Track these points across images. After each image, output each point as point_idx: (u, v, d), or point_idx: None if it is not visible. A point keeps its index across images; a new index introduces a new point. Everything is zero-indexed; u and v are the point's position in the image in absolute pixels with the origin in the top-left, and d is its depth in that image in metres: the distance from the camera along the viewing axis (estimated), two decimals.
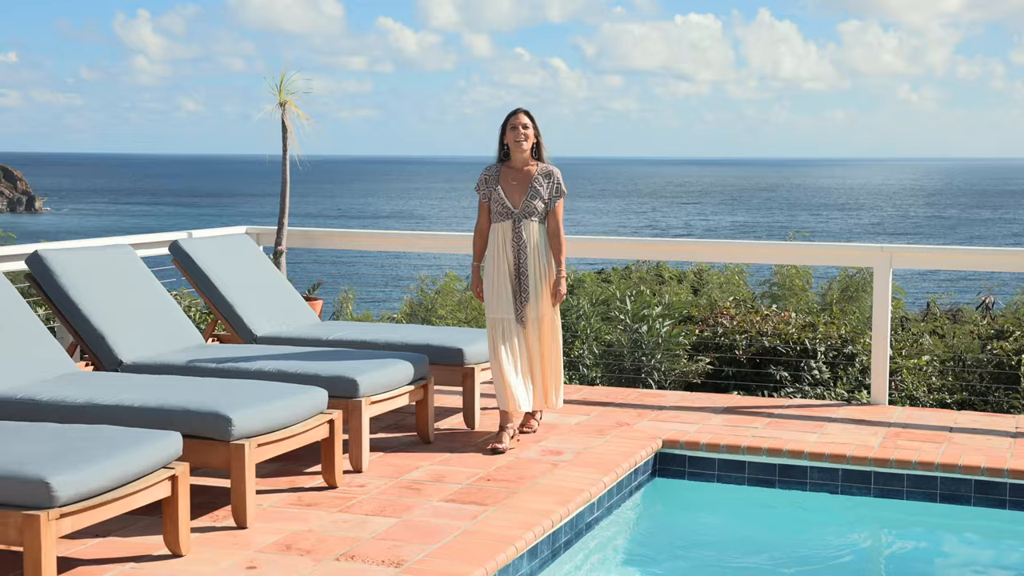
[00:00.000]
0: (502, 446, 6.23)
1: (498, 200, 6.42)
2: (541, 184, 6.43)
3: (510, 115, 6.47)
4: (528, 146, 6.43)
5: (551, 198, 6.45)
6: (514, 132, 6.42)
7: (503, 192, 6.42)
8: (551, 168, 6.49)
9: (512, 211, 6.39)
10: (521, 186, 6.42)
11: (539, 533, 4.99)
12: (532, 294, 6.39)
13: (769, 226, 72.45)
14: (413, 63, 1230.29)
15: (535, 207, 6.40)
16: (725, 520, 6.20)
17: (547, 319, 6.47)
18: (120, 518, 4.93)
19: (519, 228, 6.38)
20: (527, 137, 6.40)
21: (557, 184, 6.46)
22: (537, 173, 6.44)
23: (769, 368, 9.10)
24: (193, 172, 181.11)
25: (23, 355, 5.58)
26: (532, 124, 6.44)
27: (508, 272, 6.39)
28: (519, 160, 6.45)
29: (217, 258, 7.27)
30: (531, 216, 6.40)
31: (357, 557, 4.59)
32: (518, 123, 6.42)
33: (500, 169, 6.49)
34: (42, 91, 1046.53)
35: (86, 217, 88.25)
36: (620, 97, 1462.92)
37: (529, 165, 6.46)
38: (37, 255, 6.25)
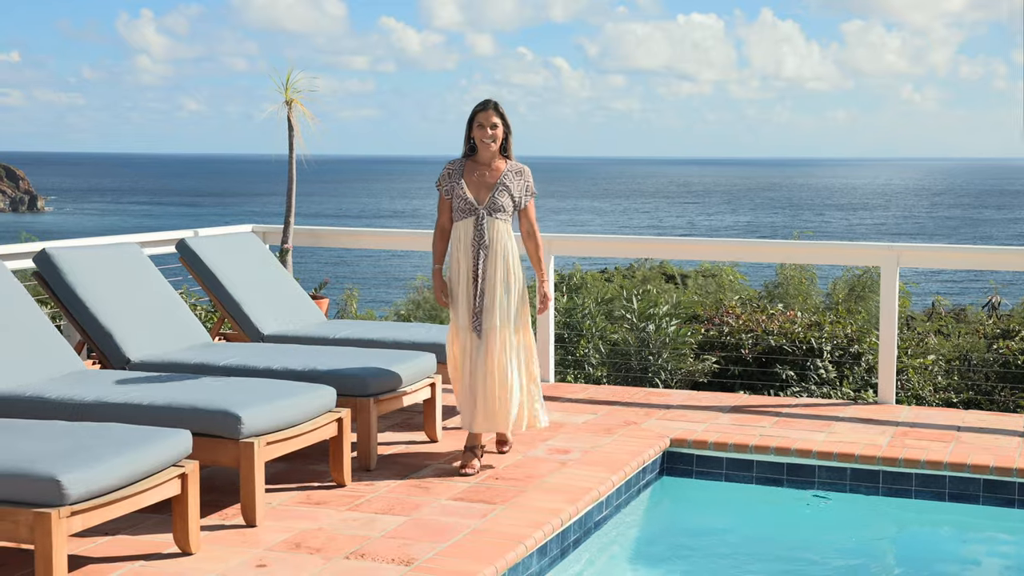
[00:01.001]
0: (472, 471, 5.78)
1: (460, 196, 5.89)
2: (511, 181, 5.93)
3: (478, 109, 5.90)
4: (496, 145, 5.91)
5: (522, 197, 5.97)
6: (481, 131, 5.89)
7: (466, 187, 5.89)
8: (522, 167, 6.01)
9: (476, 207, 5.87)
10: (487, 182, 5.90)
11: (548, 531, 4.98)
12: (492, 301, 5.83)
13: (772, 226, 72.47)
14: (415, 62, 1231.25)
15: (502, 204, 5.88)
16: (733, 519, 6.19)
17: (513, 330, 5.89)
18: (129, 516, 4.93)
19: (481, 226, 5.85)
20: (495, 137, 5.89)
21: (528, 183, 6.00)
22: (507, 170, 5.95)
23: (775, 367, 9.10)
24: (195, 172, 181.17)
25: (31, 353, 5.58)
26: (502, 121, 5.92)
27: (468, 275, 5.87)
28: (486, 156, 5.93)
29: (224, 256, 7.27)
30: (496, 213, 5.87)
31: (367, 555, 4.59)
32: (487, 121, 5.88)
33: (465, 164, 5.96)
34: (44, 91, 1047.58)
35: (88, 216, 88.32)
36: (622, 97, 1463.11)
37: (497, 162, 5.96)
38: (45, 253, 6.25)
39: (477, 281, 5.83)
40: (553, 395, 7.72)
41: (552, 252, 8.18)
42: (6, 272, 5.84)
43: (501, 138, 5.92)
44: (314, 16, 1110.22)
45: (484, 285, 5.84)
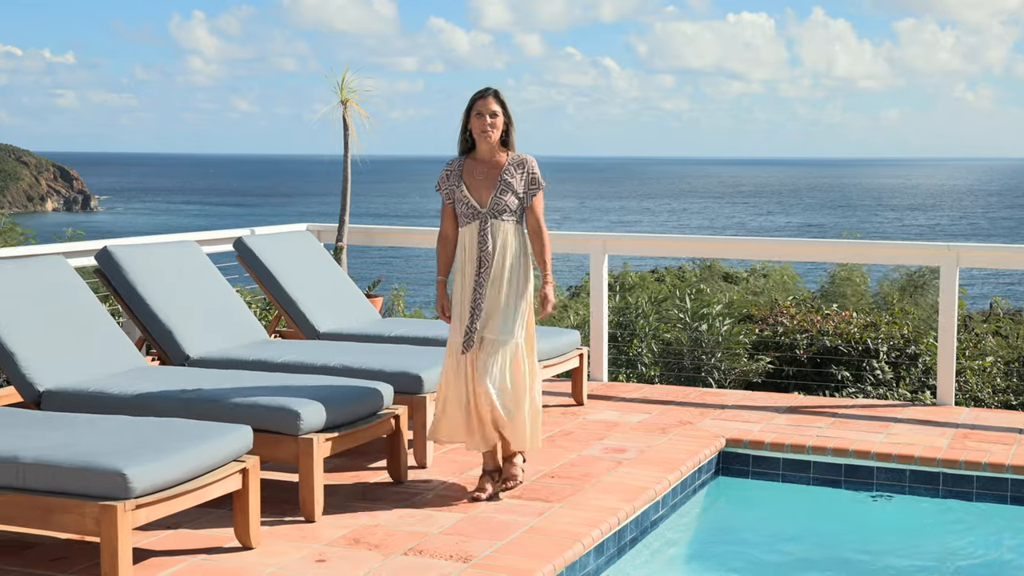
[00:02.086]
0: (484, 495, 5.33)
1: (462, 199, 5.35)
2: (513, 176, 5.36)
3: (476, 98, 5.35)
4: (496, 136, 5.35)
5: (527, 192, 5.39)
6: (480, 120, 5.32)
7: (467, 189, 5.36)
8: (524, 157, 5.42)
9: (479, 210, 5.33)
10: (489, 180, 5.35)
11: (605, 530, 4.97)
12: (497, 311, 5.31)
13: (824, 226, 71.87)
14: (464, 63, 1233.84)
15: (507, 204, 5.33)
16: (790, 520, 6.15)
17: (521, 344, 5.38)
18: (190, 511, 4.98)
19: (485, 230, 5.32)
20: (495, 127, 5.33)
21: (532, 175, 5.40)
22: (508, 164, 5.37)
23: (830, 368, 9.03)
24: (245, 172, 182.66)
25: (94, 350, 5.66)
26: (503, 110, 5.36)
27: (473, 286, 5.32)
28: (485, 151, 5.38)
29: (280, 254, 7.32)
30: (502, 215, 5.33)
31: (425, 552, 4.60)
32: (486, 109, 5.32)
33: (463, 162, 5.43)
34: (98, 92, 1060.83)
35: (140, 216, 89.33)
36: (671, 97, 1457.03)
37: (498, 155, 5.40)
38: (106, 251, 6.33)
39: (477, 289, 5.30)
40: (607, 394, 7.71)
41: (607, 251, 8.17)
42: (69, 270, 5.93)
43: (501, 129, 5.36)
44: (364, 17, 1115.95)
45: (491, 295, 5.29)
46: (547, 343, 6.85)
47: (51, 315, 5.60)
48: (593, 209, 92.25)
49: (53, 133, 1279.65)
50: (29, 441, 4.31)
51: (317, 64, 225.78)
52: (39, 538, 4.70)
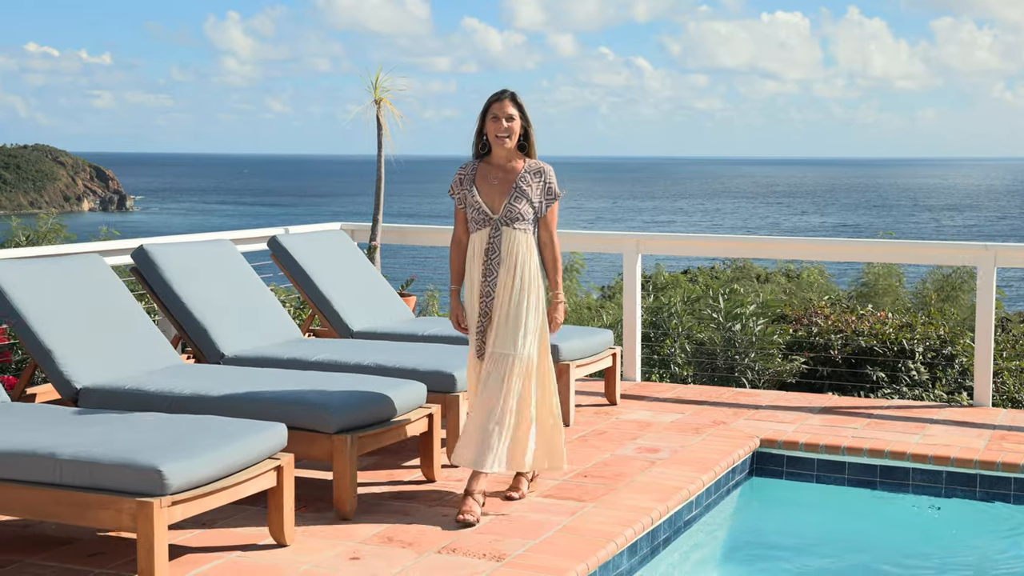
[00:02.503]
0: (472, 517, 4.95)
1: (474, 204, 5.14)
2: (529, 184, 5.14)
3: (492, 100, 5.13)
4: (513, 141, 5.14)
5: (542, 201, 5.18)
6: (496, 124, 5.11)
7: (479, 194, 5.15)
8: (542, 165, 5.19)
9: (491, 217, 5.13)
10: (503, 186, 5.14)
11: (639, 530, 4.96)
12: (506, 324, 5.09)
13: (859, 227, 71.40)
14: (497, 63, 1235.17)
15: (520, 212, 5.11)
16: (824, 521, 6.12)
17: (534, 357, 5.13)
18: (225, 508, 5.01)
19: (496, 238, 5.11)
20: (512, 132, 5.12)
21: (549, 185, 5.19)
22: (524, 171, 5.16)
23: (865, 368, 8.97)
24: (279, 172, 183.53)
25: (131, 347, 5.70)
26: (520, 113, 5.15)
27: (485, 295, 5.14)
28: (501, 156, 5.17)
29: (314, 253, 7.35)
30: (515, 223, 5.11)
31: (459, 550, 4.61)
32: (502, 112, 5.11)
33: (477, 166, 5.22)
34: (134, 92, 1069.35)
35: (175, 216, 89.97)
36: (704, 96, 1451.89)
37: (514, 161, 5.19)
38: (142, 249, 6.38)
39: (484, 299, 5.12)
40: (640, 394, 7.69)
41: (640, 251, 8.15)
42: (106, 268, 5.98)
43: (518, 133, 5.14)
44: (398, 17, 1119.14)
45: (497, 305, 5.10)
46: (580, 342, 6.85)
47: (88, 313, 5.65)
48: (626, 209, 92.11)
49: (90, 133, 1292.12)
50: (67, 438, 4.35)
51: (351, 64, 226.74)
52: (76, 533, 4.74)
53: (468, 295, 5.21)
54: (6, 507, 4.28)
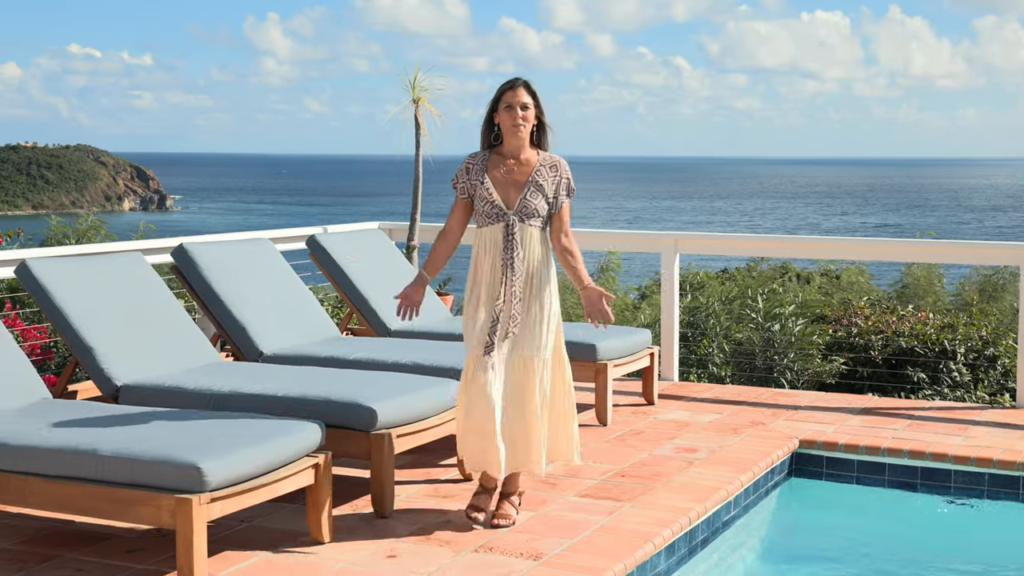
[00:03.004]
0: (480, 516, 4.87)
1: (485, 197, 4.85)
2: (545, 178, 4.87)
3: (505, 89, 4.85)
4: (527, 132, 4.86)
5: (557, 197, 4.91)
6: (510, 113, 4.82)
7: (492, 186, 4.86)
8: (557, 159, 4.93)
9: (504, 211, 4.84)
10: (517, 179, 4.86)
11: (676, 530, 4.94)
12: (527, 324, 4.85)
13: (900, 227, 70.82)
14: (535, 63, 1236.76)
15: (536, 208, 4.84)
16: (864, 522, 6.06)
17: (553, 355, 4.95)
18: (263, 505, 5.03)
19: (513, 234, 4.83)
20: (527, 120, 4.83)
21: (565, 179, 4.93)
22: (539, 164, 4.88)
23: (906, 369, 8.89)
24: (317, 172, 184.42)
25: (170, 345, 5.74)
26: (535, 103, 4.87)
27: (498, 293, 4.84)
28: (514, 146, 4.87)
29: (352, 252, 7.37)
30: (530, 218, 4.85)
31: (495, 549, 4.60)
32: (516, 101, 4.82)
33: (488, 157, 4.92)
34: (174, 93, 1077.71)
35: (213, 215, 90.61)
36: (743, 96, 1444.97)
37: (528, 153, 4.90)
38: (182, 248, 6.42)
39: (511, 300, 4.81)
40: (678, 394, 7.66)
41: (678, 250, 8.12)
42: (146, 266, 6.03)
43: (532, 123, 4.87)
44: (436, 17, 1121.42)
45: (519, 305, 4.82)
46: (618, 342, 6.83)
47: (129, 311, 5.69)
48: (665, 209, 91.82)
49: (131, 134, 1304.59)
50: (107, 435, 4.38)
51: (389, 65, 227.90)
52: (116, 530, 4.78)
53: (475, 292, 4.88)
54: (48, 503, 4.32)
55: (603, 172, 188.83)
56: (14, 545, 4.61)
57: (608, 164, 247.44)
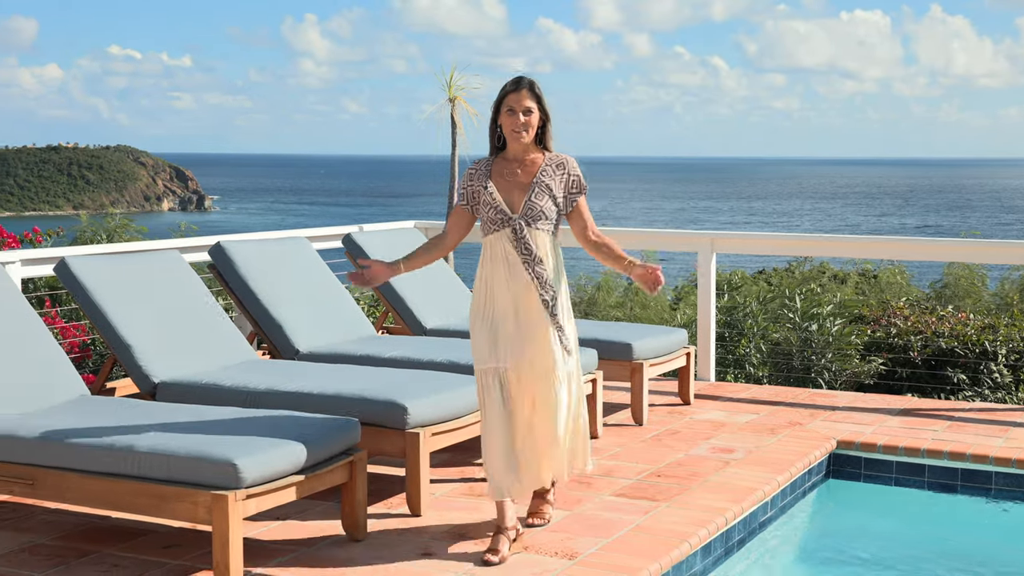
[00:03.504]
0: (496, 558, 4.45)
1: (490, 201, 4.59)
2: (551, 177, 4.62)
3: (508, 90, 4.60)
4: (530, 137, 4.61)
5: (568, 196, 4.66)
6: (512, 119, 4.57)
7: (496, 190, 4.61)
8: (564, 157, 4.68)
9: (509, 216, 4.57)
10: (522, 181, 4.61)
11: (713, 530, 4.90)
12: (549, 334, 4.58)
13: (942, 228, 70.19)
14: (572, 63, 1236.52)
15: (543, 210, 4.57)
16: (903, 524, 6.00)
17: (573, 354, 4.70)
18: (299, 502, 5.04)
19: (524, 238, 4.55)
20: (529, 125, 4.58)
21: (574, 177, 4.67)
22: (545, 164, 4.63)
23: (945, 370, 8.80)
24: (355, 173, 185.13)
25: (207, 343, 5.77)
26: (538, 105, 4.61)
27: (514, 304, 4.56)
28: (518, 151, 4.64)
29: (388, 251, 7.37)
30: (537, 221, 4.57)
31: (530, 548, 4.59)
32: (519, 105, 4.57)
33: (492, 162, 4.68)
34: (213, 94, 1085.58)
35: (252, 216, 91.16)
36: (781, 96, 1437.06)
37: (532, 154, 4.66)
38: (219, 246, 6.45)
39: (548, 307, 4.56)
40: (714, 394, 7.62)
41: (715, 249, 8.07)
42: (184, 264, 6.06)
43: (536, 127, 4.61)
44: (474, 18, 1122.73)
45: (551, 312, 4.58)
46: (654, 341, 6.80)
47: (166, 309, 5.73)
48: (702, 210, 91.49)
49: (170, 134, 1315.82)
50: (145, 431, 4.41)
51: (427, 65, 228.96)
52: (153, 526, 4.80)
53: (488, 303, 4.60)
54: (86, 498, 4.35)
55: (640, 172, 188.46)
56: (52, 540, 4.64)
57: (645, 164, 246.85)
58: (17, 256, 6.14)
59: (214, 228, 63.30)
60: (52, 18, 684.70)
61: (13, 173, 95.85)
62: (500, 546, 4.48)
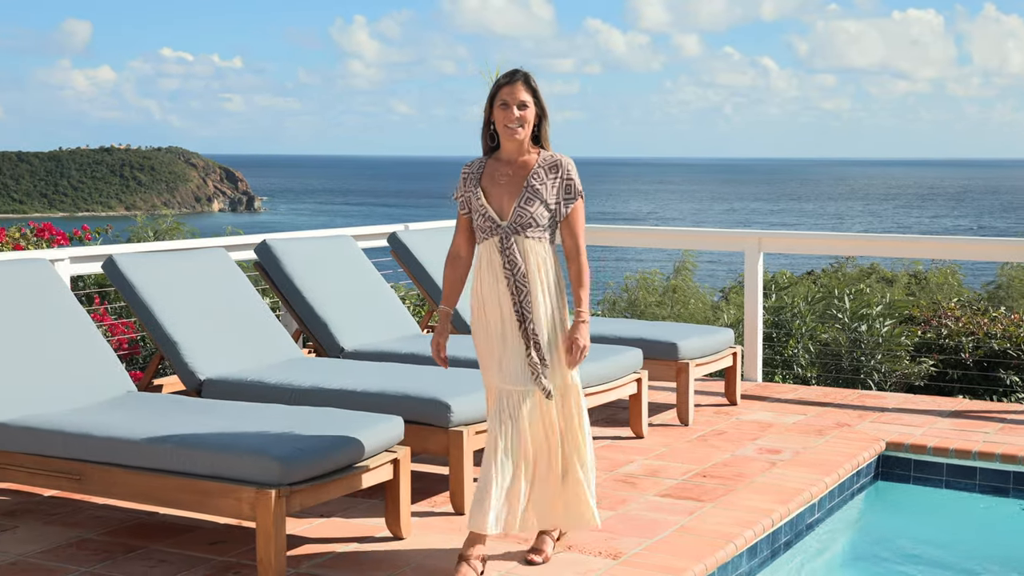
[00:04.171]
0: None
1: (479, 209, 4.25)
2: (543, 181, 4.23)
3: (502, 84, 4.25)
4: (525, 132, 4.26)
5: (561, 201, 4.25)
6: (505, 113, 4.22)
7: (485, 196, 4.27)
8: (558, 157, 4.28)
9: (497, 223, 4.23)
10: (513, 186, 4.25)
11: (759, 532, 4.85)
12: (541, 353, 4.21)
13: (995, 230, 69.26)
14: (621, 64, 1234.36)
15: (534, 216, 4.20)
16: (954, 528, 5.91)
17: (569, 390, 4.32)
18: (342, 500, 5.05)
19: (510, 249, 4.20)
20: (524, 120, 4.23)
21: (568, 181, 4.26)
22: (537, 165, 4.25)
23: (998, 372, 8.67)
24: (403, 174, 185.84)
25: (253, 341, 5.80)
26: (534, 100, 4.25)
27: (501, 317, 4.23)
28: (511, 149, 4.28)
29: (433, 249, 7.38)
30: (527, 229, 4.20)
31: (574, 547, 4.56)
32: (512, 99, 4.21)
33: (484, 164, 4.34)
34: (263, 96, 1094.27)
35: (300, 216, 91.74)
36: (832, 96, 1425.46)
37: (526, 155, 4.29)
38: (265, 244, 6.48)
39: (525, 324, 4.20)
40: (761, 394, 7.55)
41: (762, 249, 8.00)
42: (230, 262, 6.09)
43: (531, 123, 4.25)
44: (522, 19, 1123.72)
45: (538, 328, 4.21)
46: (700, 340, 6.75)
47: (213, 306, 5.76)
48: (751, 211, 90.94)
49: (220, 136, 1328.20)
50: (190, 427, 4.43)
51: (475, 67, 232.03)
52: (198, 522, 4.83)
53: (482, 318, 4.28)
54: (132, 494, 4.39)
55: (689, 174, 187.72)
56: (100, 536, 4.68)
57: (693, 165, 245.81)
58: (66, 254, 6.20)
59: (264, 229, 63.80)
60: (106, 21, 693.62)
61: (67, 174, 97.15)
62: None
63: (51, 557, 4.43)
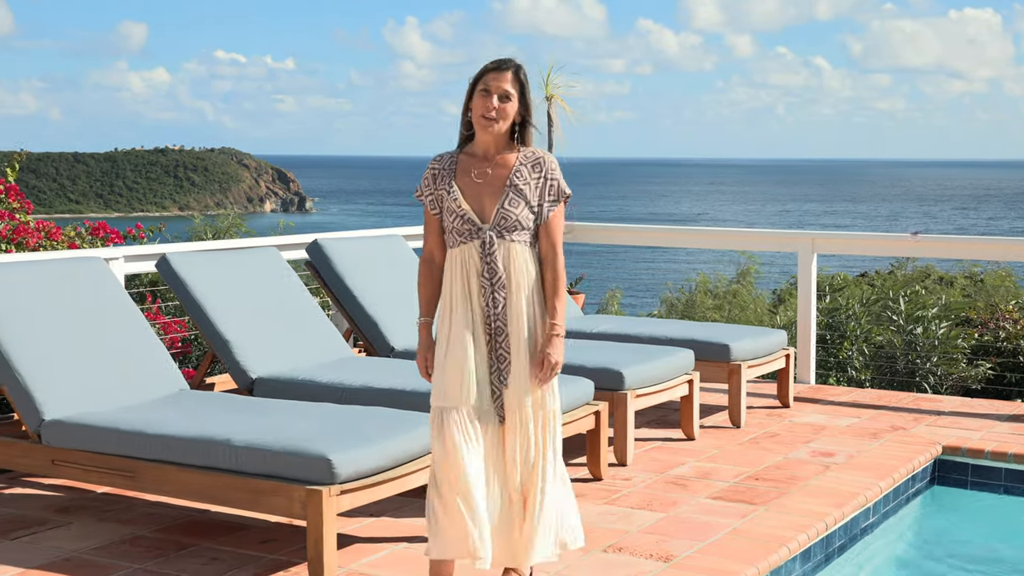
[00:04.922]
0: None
1: (454, 209, 3.82)
2: (526, 180, 3.83)
3: (489, 68, 3.83)
4: (503, 127, 3.83)
5: (544, 202, 3.85)
6: (484, 100, 3.80)
7: (462, 194, 3.83)
8: (541, 154, 3.88)
9: (478, 226, 3.81)
10: (493, 185, 3.83)
11: (812, 535, 4.79)
12: (517, 368, 3.80)
13: None
14: (672, 64, 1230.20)
15: (519, 218, 3.80)
16: (1011, 534, 5.81)
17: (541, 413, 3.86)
18: (393, 499, 5.05)
19: (492, 255, 3.79)
20: (503, 114, 3.81)
21: (552, 181, 3.86)
22: (519, 163, 3.85)
23: None
24: None
25: (304, 340, 5.82)
26: (519, 93, 3.84)
27: (474, 330, 3.80)
28: (485, 143, 3.86)
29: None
30: (511, 232, 3.80)
31: (625, 549, 4.53)
32: (495, 87, 3.80)
33: (458, 158, 3.91)
34: (315, 97, 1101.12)
35: (351, 217, 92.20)
36: (886, 96, 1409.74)
37: (505, 152, 3.87)
38: (317, 243, 6.50)
39: (497, 338, 3.79)
40: (815, 397, 7.47)
41: (815, 250, 7.91)
42: (282, 262, 6.12)
43: (511, 119, 3.83)
44: (574, 20, 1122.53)
45: (507, 345, 3.80)
46: (752, 342, 6.69)
47: (264, 306, 5.79)
48: (805, 212, 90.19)
49: (273, 137, 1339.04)
50: (242, 425, 4.45)
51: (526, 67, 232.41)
52: (250, 520, 4.85)
53: (450, 330, 3.82)
54: (184, 491, 4.42)
55: (741, 174, 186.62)
56: (152, 533, 4.71)
57: (746, 166, 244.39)
58: (120, 252, 6.25)
59: (316, 229, 64.20)
60: (161, 23, 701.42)
61: (122, 175, 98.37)
62: None
63: (104, 553, 4.46)
